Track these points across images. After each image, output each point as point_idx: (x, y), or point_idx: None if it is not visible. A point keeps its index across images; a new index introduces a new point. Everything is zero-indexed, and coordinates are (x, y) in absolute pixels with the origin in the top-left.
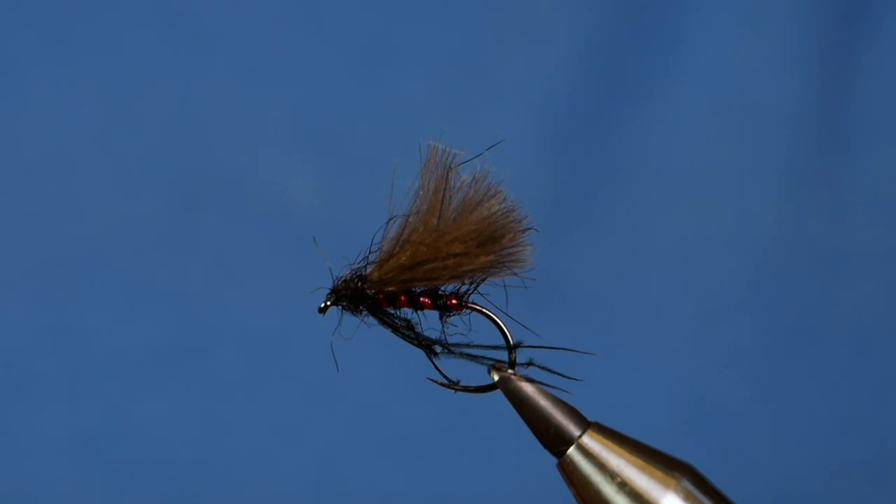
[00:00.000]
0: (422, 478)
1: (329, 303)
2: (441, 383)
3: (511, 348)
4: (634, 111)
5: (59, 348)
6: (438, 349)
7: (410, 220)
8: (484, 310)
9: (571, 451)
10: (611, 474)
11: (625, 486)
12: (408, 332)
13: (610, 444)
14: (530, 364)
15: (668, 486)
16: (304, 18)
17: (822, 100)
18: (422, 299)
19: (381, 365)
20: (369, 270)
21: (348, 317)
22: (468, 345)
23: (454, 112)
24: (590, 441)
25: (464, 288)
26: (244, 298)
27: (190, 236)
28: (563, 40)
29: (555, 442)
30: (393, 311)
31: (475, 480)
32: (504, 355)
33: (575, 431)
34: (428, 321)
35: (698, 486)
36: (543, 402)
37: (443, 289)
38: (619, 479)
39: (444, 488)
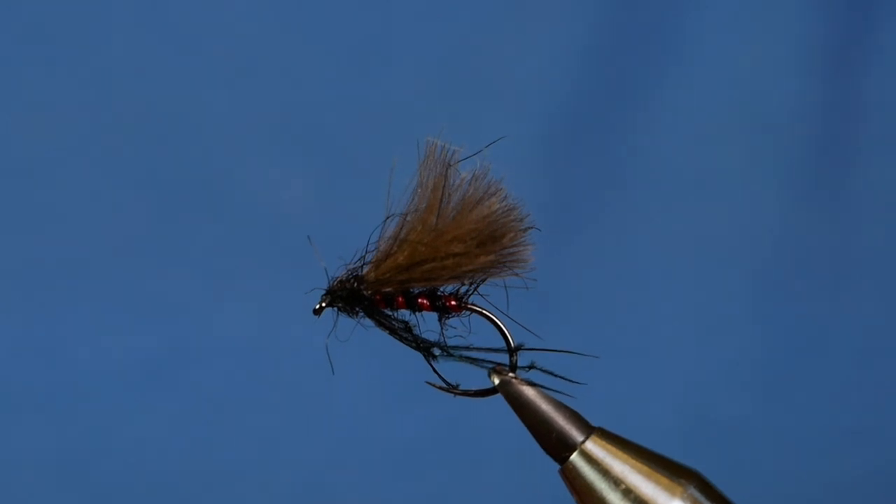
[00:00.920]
0: (420, 485)
1: (324, 304)
2: (440, 387)
3: (512, 351)
4: (635, 111)
5: (40, 362)
6: (437, 352)
7: (408, 218)
8: (484, 311)
9: (574, 456)
10: (615, 481)
11: (629, 494)
12: (406, 334)
13: (614, 449)
14: (532, 367)
15: (674, 493)
16: (298, 17)
17: (825, 103)
18: (420, 300)
19: (378, 368)
20: (366, 271)
21: (344, 319)
22: (468, 347)
23: (453, 111)
24: (593, 446)
25: (463, 289)
26: (232, 310)
27: (177, 246)
28: (563, 40)
29: (557, 447)
30: (390, 313)
31: (475, 487)
32: (505, 358)
33: (578, 436)
34: (426, 323)
35: (706, 493)
36: (545, 407)
37: (442, 289)
38: (623, 486)
39: (443, 494)
